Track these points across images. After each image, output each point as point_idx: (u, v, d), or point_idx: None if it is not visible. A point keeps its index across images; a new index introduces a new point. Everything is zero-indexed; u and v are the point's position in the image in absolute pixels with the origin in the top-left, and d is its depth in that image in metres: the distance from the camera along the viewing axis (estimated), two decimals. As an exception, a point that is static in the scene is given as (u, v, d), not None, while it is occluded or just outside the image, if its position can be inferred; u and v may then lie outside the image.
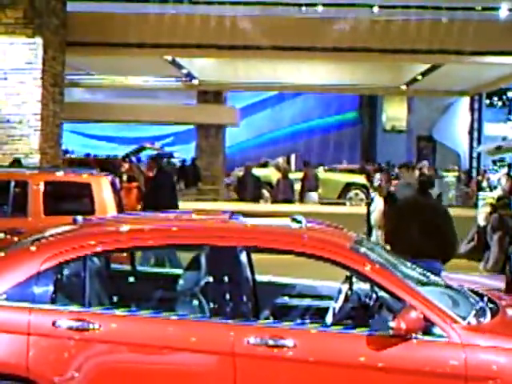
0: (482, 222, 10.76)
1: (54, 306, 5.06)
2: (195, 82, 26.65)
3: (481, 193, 19.57)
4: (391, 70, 24.89)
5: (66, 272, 5.29)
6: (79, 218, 5.96)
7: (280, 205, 19.24)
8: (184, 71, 24.68)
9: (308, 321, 5.75)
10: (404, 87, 26.82)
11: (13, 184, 10.68)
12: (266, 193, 22.65)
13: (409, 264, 5.94)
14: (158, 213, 6.92)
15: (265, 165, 28.26)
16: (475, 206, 18.78)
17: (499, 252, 10.38)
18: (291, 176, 22.43)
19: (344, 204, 24.57)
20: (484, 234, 10.87)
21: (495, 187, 23.14)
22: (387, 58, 20.38)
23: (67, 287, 5.24)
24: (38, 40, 16.41)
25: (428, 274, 5.97)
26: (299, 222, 5.70)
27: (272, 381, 4.88)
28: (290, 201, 20.06)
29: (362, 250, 5.44)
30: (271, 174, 24.39)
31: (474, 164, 31.46)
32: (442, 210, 9.08)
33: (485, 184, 22.96)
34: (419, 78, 24.37)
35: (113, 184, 10.86)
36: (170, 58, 21.81)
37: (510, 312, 5.71)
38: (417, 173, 10.86)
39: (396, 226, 8.81)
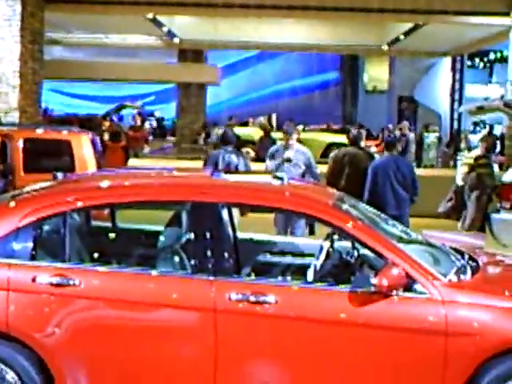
0: (459, 181, 10.79)
1: (34, 262, 5.03)
2: (176, 40, 26.39)
3: (459, 153, 19.63)
4: (373, 29, 24.77)
5: (45, 228, 5.25)
6: (59, 174, 5.91)
7: (261, 163, 19.14)
8: (165, 29, 24.44)
9: (290, 277, 5.76)
10: (386, 47, 26.67)
11: (-9, 141, 10.57)
12: (251, 151, 22.61)
13: (390, 221, 5.95)
14: (138, 169, 6.87)
15: (246, 124, 28.20)
16: (455, 166, 18.85)
17: (476, 211, 10.45)
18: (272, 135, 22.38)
19: (326, 163, 24.52)
20: (462, 193, 10.91)
21: (475, 147, 23.19)
22: (372, 18, 20.24)
23: (47, 243, 5.20)
24: (16, -5, 16.19)
25: (409, 231, 5.98)
26: (281, 179, 5.67)
27: (253, 336, 4.88)
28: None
29: (344, 207, 5.43)
30: (254, 132, 24.39)
31: (455, 125, 31.47)
32: (367, 158, 10.68)
33: (463, 145, 22.95)
34: (401, 37, 24.25)
35: (93, 142, 10.79)
36: (150, 16, 21.57)
37: (490, 269, 5.74)
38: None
39: (332, 170, 10.90)
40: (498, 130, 25.66)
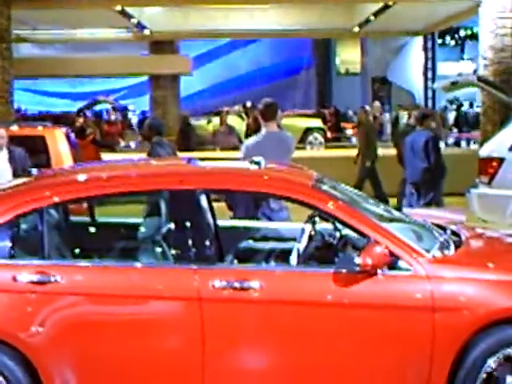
0: None
1: (14, 260, 4.95)
2: (146, 31, 26.25)
3: None
4: (343, 11, 24.77)
5: (23, 225, 5.17)
6: (34, 170, 5.83)
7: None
8: (134, 21, 24.29)
9: (273, 262, 5.72)
10: (357, 29, 26.65)
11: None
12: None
13: (371, 200, 5.93)
14: (114, 161, 6.80)
15: (219, 113, 28.25)
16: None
17: None
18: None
19: (304, 148, 24.63)
20: None
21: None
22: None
23: (26, 241, 5.12)
24: (-19, -6, 16.02)
25: (391, 209, 5.96)
26: (258, 163, 5.62)
27: (240, 323, 4.84)
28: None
29: (324, 187, 5.39)
30: (234, 122, 24.45)
31: (430, 104, 31.57)
32: None
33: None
34: (372, 18, 24.25)
35: (68, 137, 10.70)
36: (119, 8, 21.40)
37: (473, 243, 5.74)
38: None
39: None
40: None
